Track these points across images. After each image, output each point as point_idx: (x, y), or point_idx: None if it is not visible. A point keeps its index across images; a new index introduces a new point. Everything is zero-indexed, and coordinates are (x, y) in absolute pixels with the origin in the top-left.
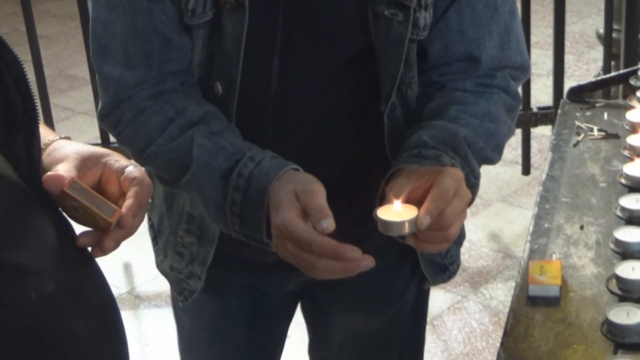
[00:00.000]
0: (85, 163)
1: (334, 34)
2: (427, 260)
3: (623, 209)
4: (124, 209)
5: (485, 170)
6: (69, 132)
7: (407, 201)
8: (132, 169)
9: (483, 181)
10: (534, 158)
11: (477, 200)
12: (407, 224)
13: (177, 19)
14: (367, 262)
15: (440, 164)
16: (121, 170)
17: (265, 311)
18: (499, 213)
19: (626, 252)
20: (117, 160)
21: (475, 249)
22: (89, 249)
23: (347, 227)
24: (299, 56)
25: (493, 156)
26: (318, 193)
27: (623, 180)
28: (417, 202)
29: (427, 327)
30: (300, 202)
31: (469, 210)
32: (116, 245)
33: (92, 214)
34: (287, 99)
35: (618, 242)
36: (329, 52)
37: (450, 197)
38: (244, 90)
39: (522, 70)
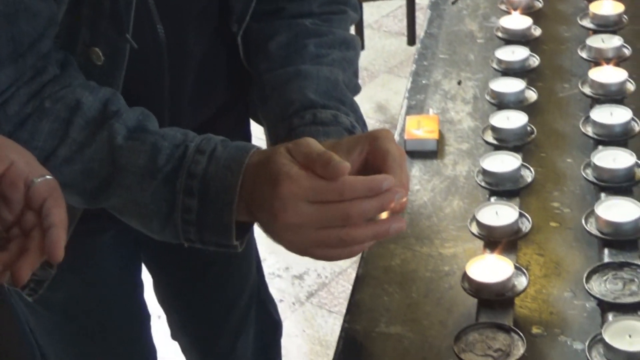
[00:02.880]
0: None
1: None
2: None
3: (499, 61)
4: (58, 241)
5: (371, 43)
6: None
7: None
8: (48, 181)
9: (369, 53)
10: (420, 29)
11: (363, 73)
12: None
13: None
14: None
15: (341, 126)
16: (30, 180)
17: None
18: (385, 84)
19: (501, 102)
20: (28, 162)
21: None
22: None
23: None
24: None
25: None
26: (310, 142)
27: (500, 34)
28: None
29: None
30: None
31: None
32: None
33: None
34: (175, 40)
35: (493, 93)
36: None
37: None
38: (133, 50)
39: None
